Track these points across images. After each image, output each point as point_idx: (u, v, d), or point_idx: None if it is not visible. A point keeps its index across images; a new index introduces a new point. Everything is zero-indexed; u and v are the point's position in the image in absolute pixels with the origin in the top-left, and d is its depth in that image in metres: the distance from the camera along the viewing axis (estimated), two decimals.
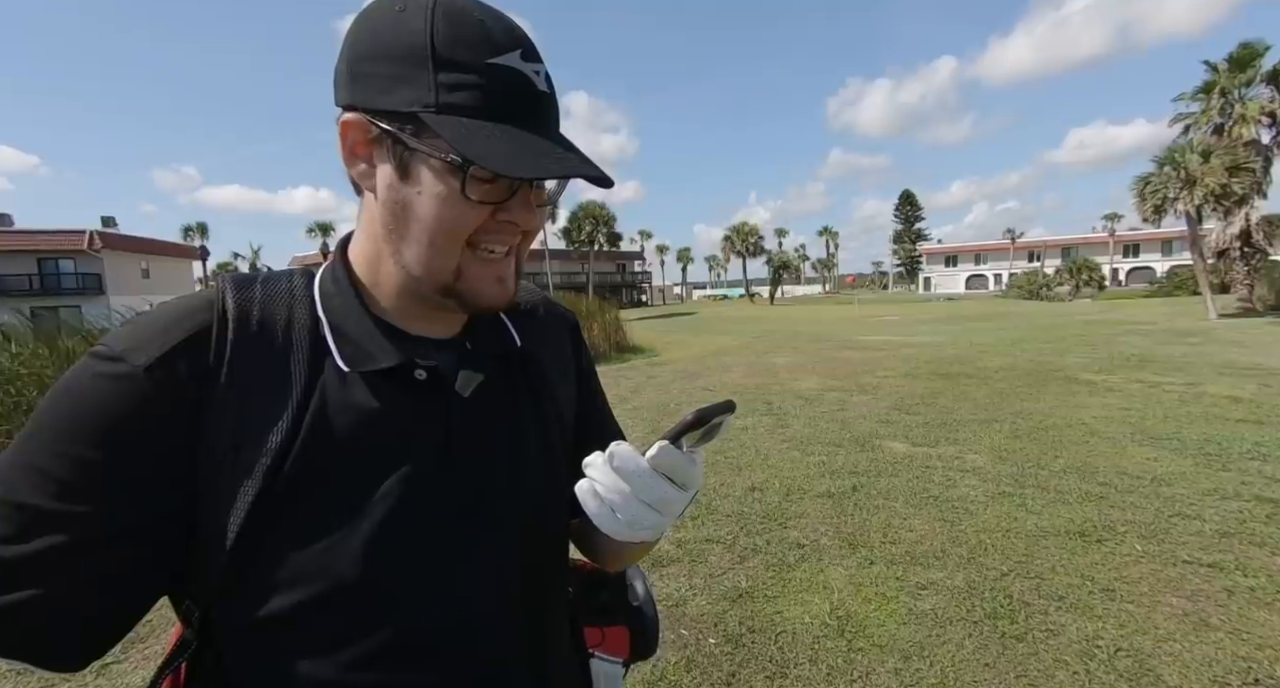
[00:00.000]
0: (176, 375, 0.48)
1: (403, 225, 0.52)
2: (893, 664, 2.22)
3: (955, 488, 3.99)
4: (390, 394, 0.54)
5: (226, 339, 0.51)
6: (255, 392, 0.50)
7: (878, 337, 14.91)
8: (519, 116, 0.49)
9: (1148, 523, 3.31)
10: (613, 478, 0.50)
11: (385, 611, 0.52)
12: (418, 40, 0.47)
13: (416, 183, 0.50)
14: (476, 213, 0.50)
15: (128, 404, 0.47)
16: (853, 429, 5.61)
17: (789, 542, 3.28)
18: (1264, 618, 2.39)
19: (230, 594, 0.50)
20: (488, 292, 0.54)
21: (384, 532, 0.51)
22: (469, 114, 0.47)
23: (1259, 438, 4.74)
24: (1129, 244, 61.33)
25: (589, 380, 0.76)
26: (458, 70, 0.47)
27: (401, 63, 0.47)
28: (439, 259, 0.52)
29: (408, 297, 0.57)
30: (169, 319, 0.51)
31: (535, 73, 0.50)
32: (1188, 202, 17.37)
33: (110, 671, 2.33)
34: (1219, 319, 15.73)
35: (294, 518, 0.50)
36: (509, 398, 0.62)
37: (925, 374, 8.54)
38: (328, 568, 0.50)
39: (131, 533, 0.47)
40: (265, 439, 0.49)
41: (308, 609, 0.50)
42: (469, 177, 0.48)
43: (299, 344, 0.53)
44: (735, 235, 55.38)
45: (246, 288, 0.54)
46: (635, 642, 0.79)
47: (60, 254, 30.59)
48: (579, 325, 0.78)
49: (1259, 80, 18.80)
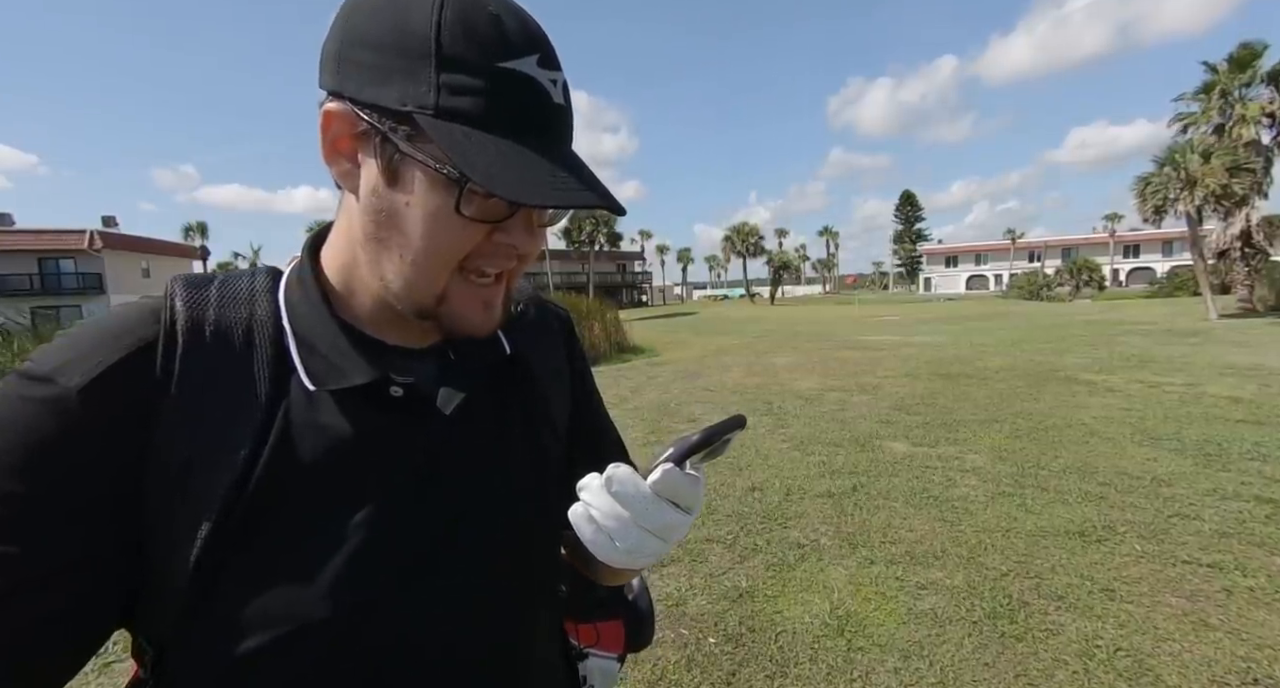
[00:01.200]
0: (114, 397, 0.42)
1: (385, 236, 0.46)
2: (892, 664, 2.23)
3: (955, 488, 3.99)
4: (363, 414, 0.48)
5: (175, 353, 0.45)
6: (210, 412, 0.44)
7: (878, 337, 14.91)
8: (529, 131, 0.44)
9: (1147, 523, 3.32)
10: (610, 504, 0.47)
11: (355, 654, 0.46)
12: (421, 31, 0.41)
13: (405, 191, 0.44)
14: (470, 232, 0.45)
15: (56, 430, 0.41)
16: (853, 429, 5.61)
17: (789, 542, 3.28)
18: (1263, 618, 2.39)
19: (185, 635, 0.45)
20: (472, 319, 0.49)
21: (355, 568, 0.45)
22: (472, 123, 0.42)
23: (1259, 438, 4.74)
24: (1129, 245, 61.34)
25: (584, 382, 0.71)
26: (464, 71, 0.41)
27: (400, 54, 0.41)
28: (422, 279, 0.46)
29: (384, 306, 0.51)
30: (108, 332, 0.45)
31: (552, 82, 0.45)
32: (1188, 202, 17.37)
33: (111, 669, 2.33)
34: (1219, 320, 15.72)
35: (254, 553, 0.44)
36: (496, 411, 0.56)
37: (925, 374, 8.54)
38: (292, 608, 0.44)
39: (69, 571, 0.42)
40: (222, 465, 0.43)
41: (270, 653, 0.44)
42: (465, 192, 0.42)
43: (260, 357, 0.47)
44: (735, 235, 55.40)
45: (199, 291, 0.48)
46: (630, 634, 0.78)
47: (61, 254, 30.59)
48: (573, 324, 0.73)
49: (1259, 80, 18.79)
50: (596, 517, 0.47)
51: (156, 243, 36.60)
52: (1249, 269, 18.51)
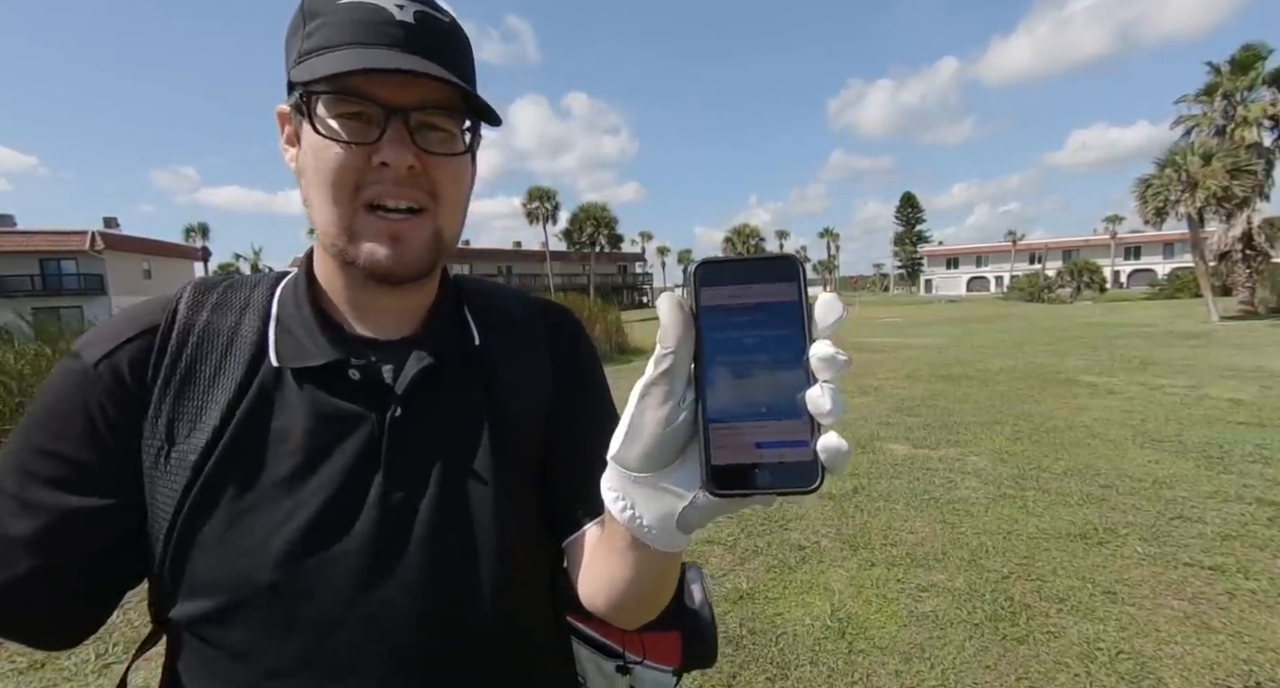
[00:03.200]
0: (119, 370, 0.50)
1: (307, 195, 0.52)
2: (894, 666, 2.22)
3: (956, 490, 3.99)
4: (319, 395, 0.52)
5: (170, 338, 0.52)
6: (190, 391, 0.51)
7: (879, 338, 14.90)
8: (370, 42, 0.48)
9: (1149, 525, 3.31)
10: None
11: (303, 619, 0.49)
12: (298, 8, 0.51)
13: (303, 144, 0.51)
14: (346, 156, 0.49)
15: (77, 396, 0.49)
16: (854, 431, 5.60)
17: (790, 544, 3.28)
18: (1265, 621, 2.38)
19: (166, 591, 0.51)
20: (378, 251, 0.50)
21: (301, 537, 0.48)
22: (319, 52, 0.48)
23: (1261, 440, 4.73)
24: (1130, 247, 61.37)
25: (574, 386, 0.66)
26: (318, 16, 0.49)
27: (291, 34, 0.51)
28: (331, 219, 0.50)
29: (351, 286, 0.56)
30: (126, 318, 0.53)
31: (399, 7, 0.50)
32: (1189, 204, 17.37)
33: (111, 670, 2.33)
34: (1220, 322, 15.70)
35: (217, 519, 0.48)
36: (455, 399, 0.57)
37: (926, 376, 8.54)
38: (245, 572, 0.48)
39: (90, 519, 0.49)
40: (194, 436, 0.49)
41: (222, 614, 0.49)
42: (316, 112, 0.48)
43: (241, 345, 0.53)
44: (736, 237, 55.31)
45: (206, 292, 0.56)
46: (690, 649, 0.70)
47: (62, 255, 30.67)
48: (572, 326, 0.70)
49: (1261, 83, 18.82)
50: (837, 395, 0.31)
51: (158, 244, 36.68)
52: (1250, 271, 18.52)
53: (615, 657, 0.68)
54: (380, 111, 0.48)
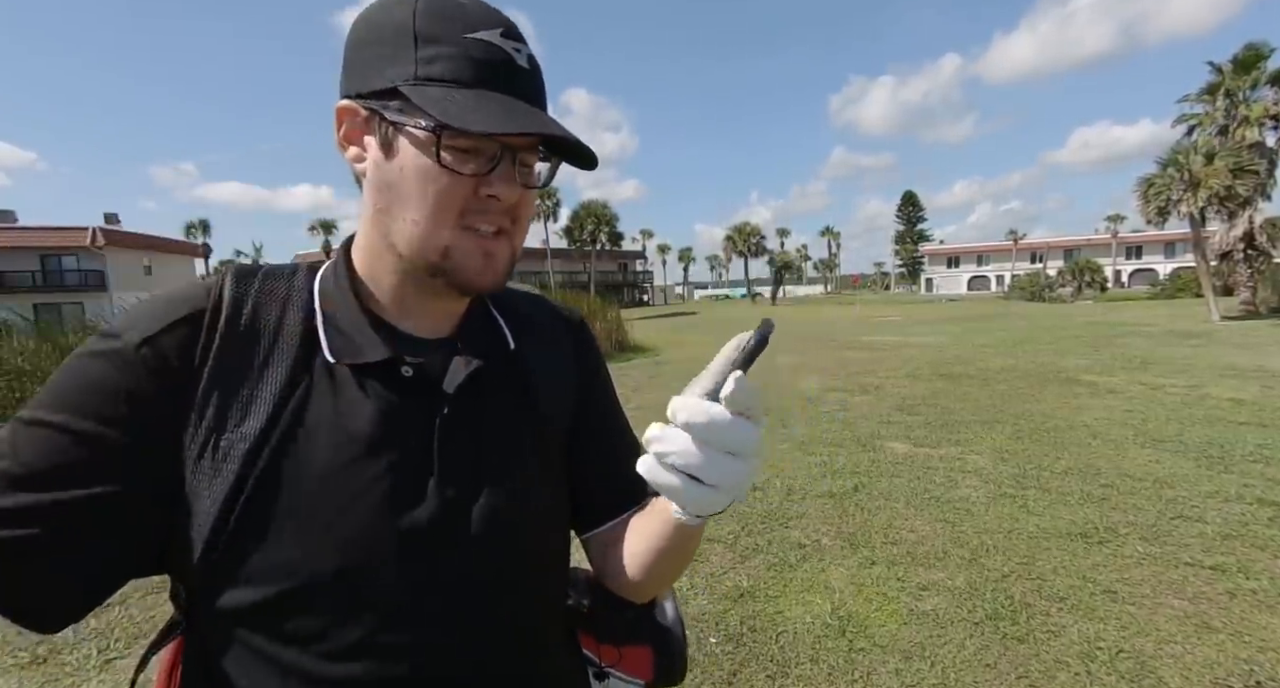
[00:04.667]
0: (164, 354, 0.49)
1: (389, 205, 0.52)
2: (894, 665, 2.22)
3: (957, 489, 3.99)
4: (375, 390, 0.53)
5: (218, 325, 0.51)
6: (239, 378, 0.51)
7: (880, 337, 14.90)
8: (496, 86, 0.50)
9: (1150, 525, 3.31)
10: (685, 438, 0.45)
11: (363, 606, 0.51)
12: (403, 22, 0.50)
13: (399, 158, 0.51)
14: (456, 185, 0.50)
15: (117, 378, 0.48)
16: (854, 429, 5.60)
17: (790, 542, 3.28)
18: (1266, 621, 2.38)
19: (210, 580, 0.50)
20: (474, 267, 0.53)
21: (359, 529, 0.50)
22: (446, 84, 0.49)
23: (1261, 440, 4.73)
24: (1132, 246, 61.22)
25: (593, 387, 0.71)
26: (437, 43, 0.49)
27: (389, 44, 0.50)
28: (426, 236, 0.52)
29: (404, 286, 0.57)
30: (167, 302, 0.52)
31: (516, 50, 0.51)
32: (1191, 203, 17.31)
33: (114, 666, 2.34)
34: (1222, 321, 15.68)
35: (269, 509, 0.49)
36: (499, 400, 0.60)
37: (927, 375, 8.54)
38: (306, 561, 0.49)
39: (110, 501, 0.47)
40: (245, 426, 0.49)
41: (282, 601, 0.49)
42: (442, 144, 0.49)
43: (289, 335, 0.53)
44: (737, 235, 55.28)
45: (246, 279, 0.55)
46: (660, 665, 0.73)
47: (63, 251, 30.66)
48: (586, 327, 0.74)
49: (1264, 82, 18.76)
50: (675, 462, 0.45)
51: (158, 240, 36.66)
52: (1252, 271, 18.47)
53: (591, 664, 0.71)
54: (497, 148, 0.51)
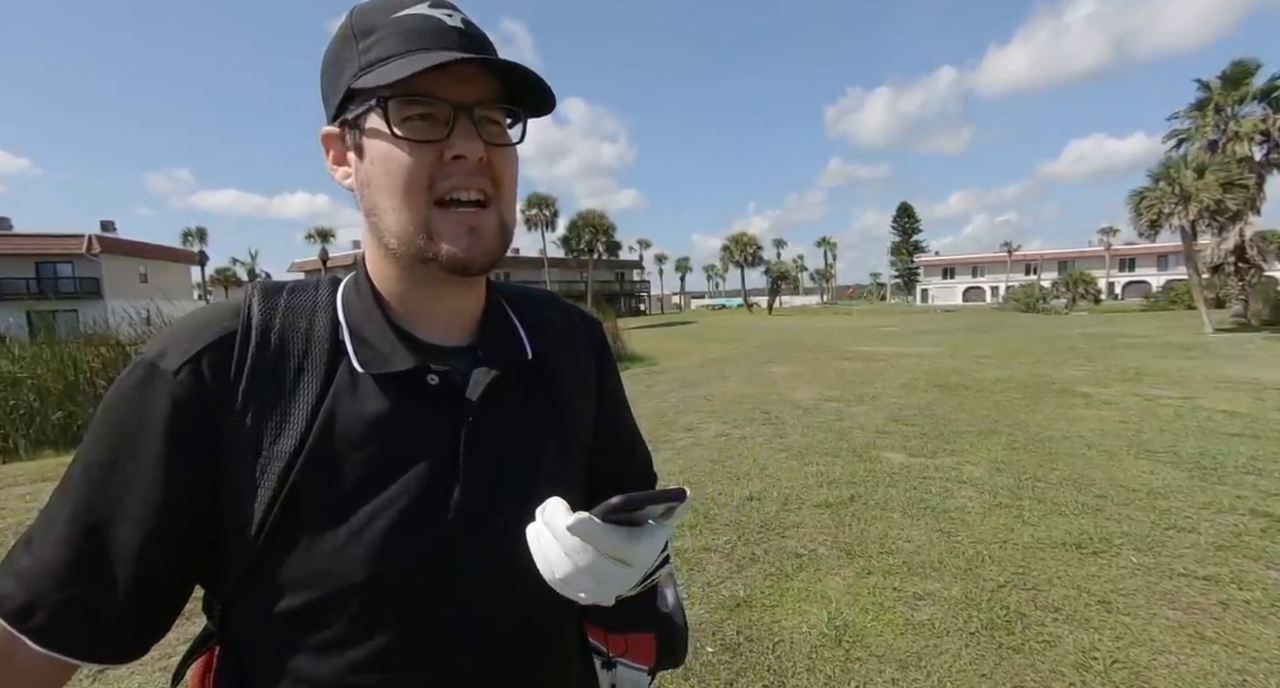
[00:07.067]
0: (201, 378, 0.50)
1: (374, 203, 0.54)
2: (890, 674, 2.22)
3: (952, 499, 4.00)
4: (403, 399, 0.54)
5: (249, 346, 0.52)
6: (273, 397, 0.52)
7: (875, 347, 14.94)
8: (428, 47, 0.52)
9: (1144, 535, 3.32)
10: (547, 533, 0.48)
11: (388, 615, 0.52)
12: (345, 32, 0.55)
13: (368, 153, 0.53)
14: (419, 154, 0.52)
15: (159, 406, 0.49)
16: (850, 439, 5.61)
17: (787, 551, 3.28)
18: (1259, 631, 2.39)
19: (246, 592, 0.52)
20: (460, 242, 0.54)
21: (390, 538, 0.51)
22: (384, 62, 0.52)
23: (1254, 452, 4.76)
24: (1125, 258, 61.70)
25: (610, 393, 0.74)
26: (372, 34, 0.53)
27: (339, 59, 0.55)
28: (406, 221, 0.53)
29: (409, 288, 0.58)
30: (198, 325, 0.54)
31: (447, 15, 0.54)
32: (1183, 216, 17.49)
33: (106, 676, 2.32)
34: (1214, 334, 15.79)
35: (304, 520, 0.50)
36: (522, 406, 0.61)
37: (923, 385, 8.56)
38: (334, 571, 0.50)
39: (166, 532, 0.49)
40: (280, 442, 0.50)
41: (314, 610, 0.51)
42: (392, 116, 0.51)
43: (317, 350, 0.54)
44: (734, 245, 55.41)
45: (273, 297, 0.56)
46: (662, 650, 0.77)
47: (59, 258, 30.54)
48: (602, 328, 0.77)
49: (1251, 98, 19.03)
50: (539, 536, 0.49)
51: (154, 248, 36.49)
52: (1243, 284, 18.64)
53: (599, 654, 0.73)
54: (448, 109, 0.52)
